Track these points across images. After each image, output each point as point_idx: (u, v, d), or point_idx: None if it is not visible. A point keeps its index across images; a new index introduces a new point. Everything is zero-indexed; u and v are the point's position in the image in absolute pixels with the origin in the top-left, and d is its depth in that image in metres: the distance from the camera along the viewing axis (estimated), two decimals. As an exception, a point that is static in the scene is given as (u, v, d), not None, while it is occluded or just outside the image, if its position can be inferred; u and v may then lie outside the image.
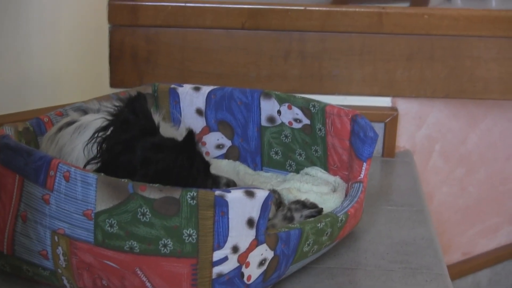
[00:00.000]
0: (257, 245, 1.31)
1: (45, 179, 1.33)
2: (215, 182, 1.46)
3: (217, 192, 1.26)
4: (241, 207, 1.28)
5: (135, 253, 1.28)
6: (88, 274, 1.33)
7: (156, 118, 1.44)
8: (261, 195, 1.29)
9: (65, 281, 1.36)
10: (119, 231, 1.28)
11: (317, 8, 1.94)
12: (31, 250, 1.37)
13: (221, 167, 1.67)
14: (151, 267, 1.29)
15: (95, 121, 1.39)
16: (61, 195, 1.32)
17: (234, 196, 1.27)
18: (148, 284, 1.30)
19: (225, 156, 1.76)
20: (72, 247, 1.32)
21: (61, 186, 1.32)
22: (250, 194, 1.28)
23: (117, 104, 1.40)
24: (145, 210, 1.27)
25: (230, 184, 1.47)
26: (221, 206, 1.26)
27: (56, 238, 1.34)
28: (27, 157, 1.36)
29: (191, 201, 1.26)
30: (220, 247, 1.28)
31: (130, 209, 1.27)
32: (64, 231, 1.33)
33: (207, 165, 1.42)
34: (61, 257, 1.34)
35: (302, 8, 1.94)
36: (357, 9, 1.95)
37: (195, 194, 1.26)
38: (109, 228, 1.29)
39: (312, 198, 1.59)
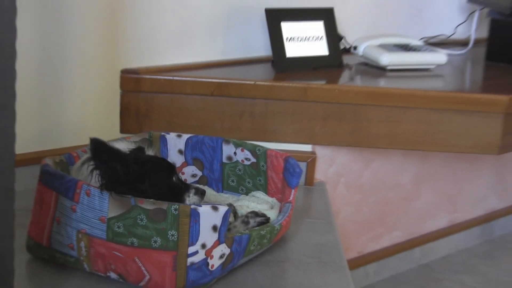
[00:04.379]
0: (219, 244, 1.32)
1: (73, 195, 1.34)
2: (187, 188, 1.46)
3: (193, 206, 1.28)
4: (209, 217, 1.29)
5: (134, 247, 1.29)
6: (101, 261, 1.33)
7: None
8: (223, 209, 1.31)
9: (85, 266, 1.36)
10: (124, 231, 1.29)
11: (263, 83, 1.95)
12: (62, 244, 1.37)
13: (195, 190, 1.67)
14: (145, 256, 1.29)
15: None
16: (84, 206, 1.33)
17: (204, 210, 1.28)
18: (143, 268, 1.30)
19: (198, 182, 1.75)
20: (91, 242, 1.33)
21: (84, 200, 1.33)
22: (215, 208, 1.30)
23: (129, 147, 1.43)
24: (142, 217, 1.28)
25: (199, 190, 1.46)
26: (195, 216, 1.27)
27: (80, 235, 1.34)
28: (61, 179, 1.37)
29: (174, 212, 1.27)
30: (193, 244, 1.28)
31: (132, 216, 1.29)
32: (85, 230, 1.33)
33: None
34: (83, 249, 1.34)
35: (253, 82, 1.94)
36: (290, 84, 1.96)
37: (177, 207, 1.27)
38: (117, 229, 1.30)
39: (257, 212, 1.59)
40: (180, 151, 1.75)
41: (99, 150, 1.35)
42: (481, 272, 2.40)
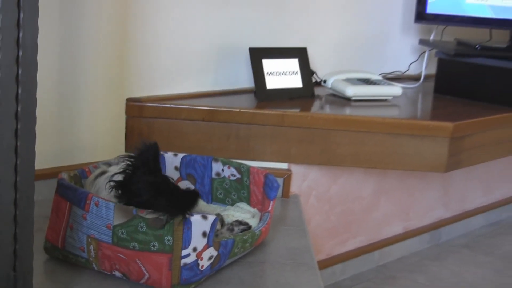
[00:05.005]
0: (208, 248, 1.31)
1: (84, 205, 1.33)
2: None
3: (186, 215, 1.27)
4: (199, 225, 1.28)
5: (136, 250, 1.28)
6: (107, 262, 1.32)
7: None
8: (211, 218, 1.31)
9: (94, 265, 1.35)
10: (127, 237, 1.28)
11: (246, 111, 1.95)
12: (75, 246, 1.36)
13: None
14: (145, 258, 1.28)
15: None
16: (93, 215, 1.32)
17: (195, 219, 1.28)
18: (143, 268, 1.29)
19: (191, 194, 1.75)
20: (99, 246, 1.32)
21: (93, 209, 1.32)
22: (205, 217, 1.30)
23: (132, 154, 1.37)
24: (142, 225, 1.27)
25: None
26: (188, 224, 1.27)
27: (89, 240, 1.33)
28: (74, 191, 1.36)
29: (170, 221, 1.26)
30: (186, 247, 1.28)
31: (133, 224, 1.28)
32: (94, 236, 1.32)
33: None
34: (92, 251, 1.33)
35: (238, 110, 1.95)
36: (269, 112, 1.96)
37: (172, 216, 1.26)
38: (121, 235, 1.29)
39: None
40: (176, 168, 1.74)
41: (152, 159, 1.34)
42: (431, 272, 2.40)
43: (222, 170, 1.71)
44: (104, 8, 1.82)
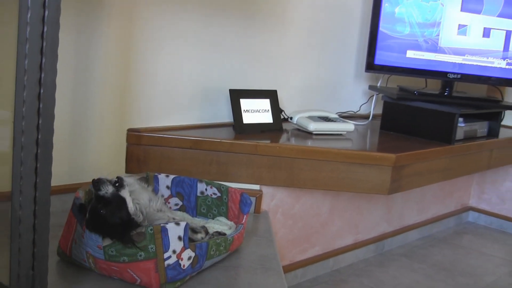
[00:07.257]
0: (185, 249, 1.32)
1: (83, 225, 1.33)
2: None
3: (162, 224, 1.28)
4: (174, 230, 1.29)
5: (126, 262, 1.29)
6: (105, 271, 1.32)
7: (147, 190, 1.44)
8: (183, 224, 1.31)
9: (96, 271, 1.34)
10: (116, 253, 1.29)
11: (226, 141, 1.95)
12: (78, 257, 1.36)
13: (177, 214, 1.66)
14: (135, 267, 1.29)
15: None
16: (87, 235, 1.32)
17: (170, 226, 1.29)
18: (134, 275, 1.29)
19: (179, 209, 1.75)
20: (95, 260, 1.32)
21: (87, 230, 1.32)
22: (177, 224, 1.31)
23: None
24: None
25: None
26: (165, 231, 1.28)
27: (87, 255, 1.33)
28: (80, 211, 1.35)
29: (150, 231, 1.26)
30: (166, 251, 1.29)
31: (120, 243, 1.28)
32: (90, 252, 1.31)
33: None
34: (91, 263, 1.33)
35: (219, 140, 1.95)
36: (245, 142, 1.97)
37: (152, 227, 1.27)
38: (111, 253, 1.29)
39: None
40: (167, 187, 1.74)
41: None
42: (375, 276, 2.41)
43: (206, 189, 1.72)
44: (111, 55, 1.83)
